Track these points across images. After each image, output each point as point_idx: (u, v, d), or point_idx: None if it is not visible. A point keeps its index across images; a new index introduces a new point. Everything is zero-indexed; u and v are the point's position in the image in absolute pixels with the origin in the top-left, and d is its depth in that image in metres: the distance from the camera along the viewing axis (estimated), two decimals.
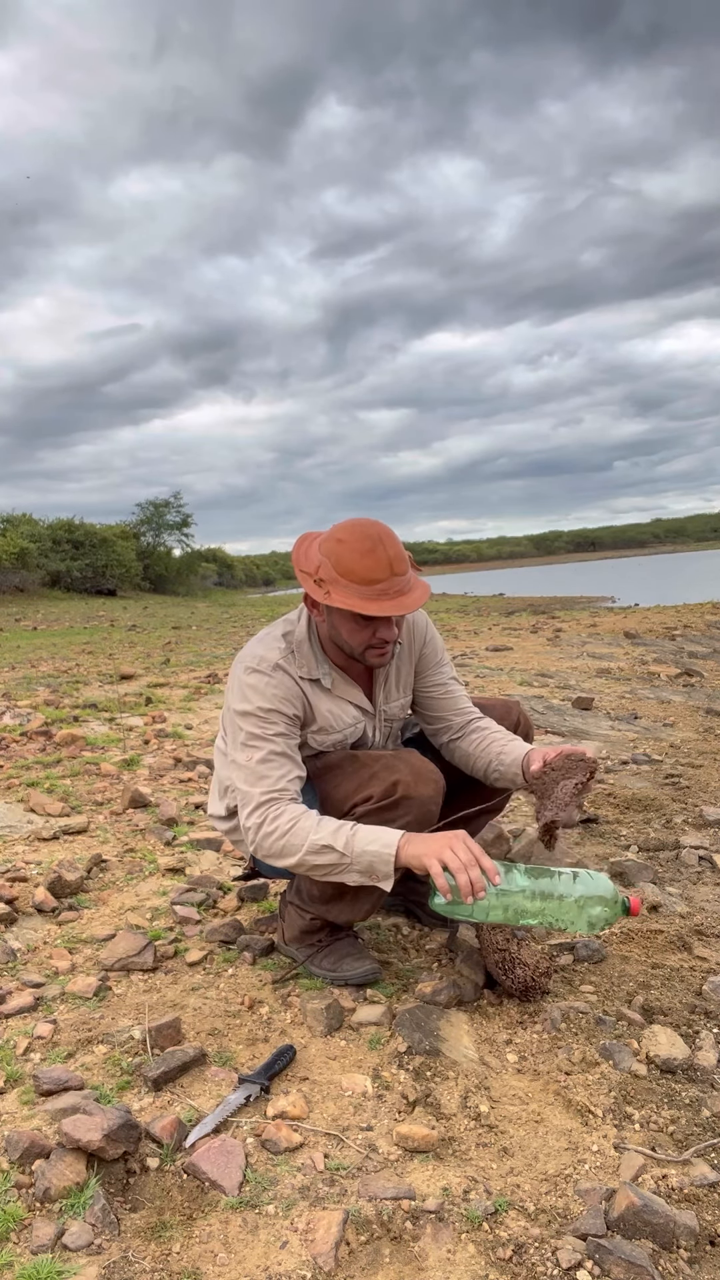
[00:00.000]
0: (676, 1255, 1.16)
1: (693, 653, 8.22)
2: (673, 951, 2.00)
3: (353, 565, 1.63)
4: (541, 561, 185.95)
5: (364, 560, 1.63)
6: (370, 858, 1.57)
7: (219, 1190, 1.27)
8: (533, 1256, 1.15)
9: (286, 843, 1.62)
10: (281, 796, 1.68)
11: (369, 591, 1.63)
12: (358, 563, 1.63)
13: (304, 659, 1.80)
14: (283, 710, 1.74)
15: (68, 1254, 1.16)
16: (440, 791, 1.76)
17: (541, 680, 6.38)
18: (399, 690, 1.96)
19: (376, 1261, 1.15)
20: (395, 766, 1.72)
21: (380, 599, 1.63)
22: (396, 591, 1.64)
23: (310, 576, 1.68)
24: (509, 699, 2.10)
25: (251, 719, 1.73)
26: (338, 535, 1.68)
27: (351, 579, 1.63)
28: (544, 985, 1.75)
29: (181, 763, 3.96)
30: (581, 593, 33.05)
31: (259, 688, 1.74)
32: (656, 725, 4.90)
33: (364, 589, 1.63)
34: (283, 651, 1.78)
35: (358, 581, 1.63)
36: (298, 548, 1.78)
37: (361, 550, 1.63)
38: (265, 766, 1.70)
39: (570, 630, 10.50)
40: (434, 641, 2.00)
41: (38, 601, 29.65)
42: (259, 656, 1.78)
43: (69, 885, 2.39)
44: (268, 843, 1.65)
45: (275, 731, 1.73)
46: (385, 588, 1.63)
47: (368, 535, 1.65)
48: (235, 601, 38.02)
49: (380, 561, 1.63)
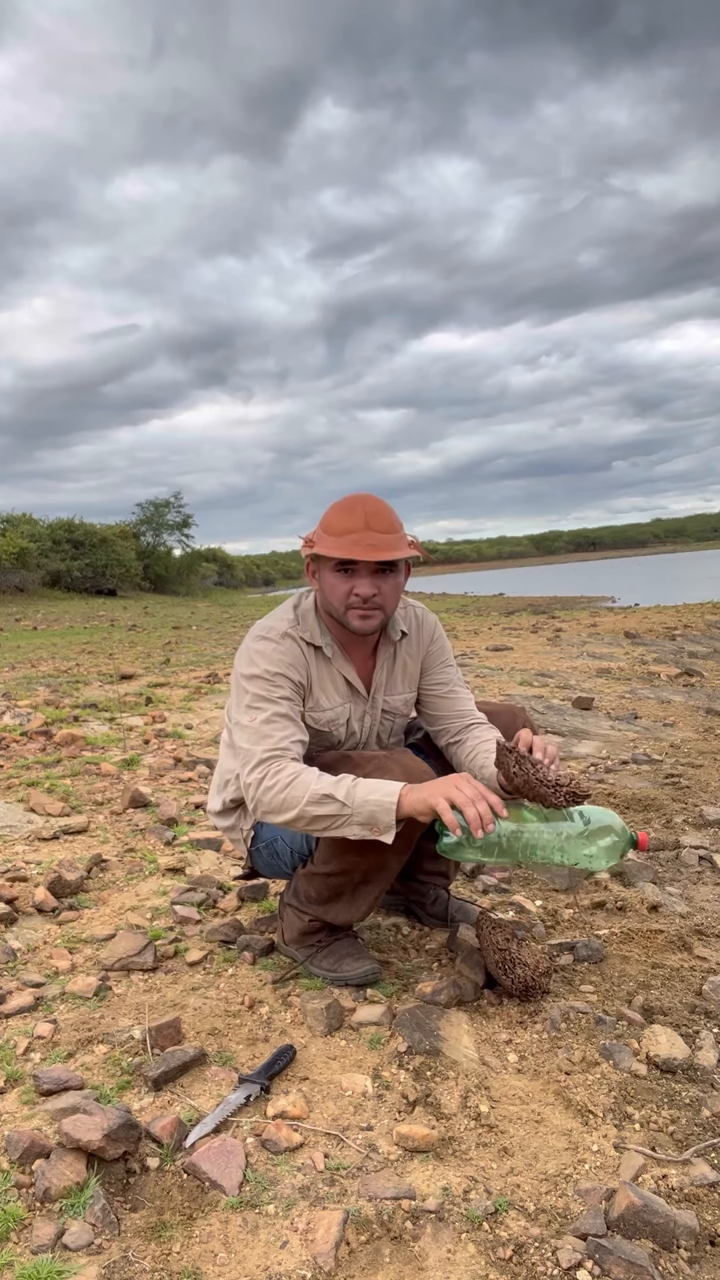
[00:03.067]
0: (676, 1255, 1.16)
1: (693, 653, 8.22)
2: (673, 951, 2.00)
3: (333, 520, 1.77)
4: (541, 561, 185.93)
5: (342, 516, 1.76)
6: (372, 807, 1.58)
7: (219, 1190, 1.27)
8: (533, 1256, 1.15)
9: (287, 795, 1.63)
10: (284, 755, 1.70)
11: (343, 541, 1.74)
12: (337, 518, 1.76)
13: (309, 626, 1.87)
14: (289, 675, 1.80)
15: (68, 1254, 1.16)
16: None
17: (541, 680, 6.38)
18: (403, 684, 1.97)
19: (376, 1261, 1.15)
20: (387, 767, 1.73)
21: (353, 547, 1.73)
22: (370, 544, 1.73)
23: (306, 546, 1.82)
24: (513, 703, 2.10)
25: (258, 681, 1.78)
26: (332, 504, 1.82)
27: (330, 532, 1.76)
28: (544, 985, 1.75)
29: (181, 762, 3.96)
30: (581, 593, 33.05)
31: (266, 652, 1.80)
32: (656, 725, 4.90)
33: (338, 538, 1.75)
34: (291, 621, 1.86)
35: (333, 533, 1.76)
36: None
37: (341, 508, 1.77)
38: (269, 726, 1.74)
39: (570, 630, 10.50)
40: (441, 640, 2.03)
41: (38, 601, 29.64)
42: (268, 626, 1.86)
43: (69, 885, 2.39)
44: (268, 797, 1.65)
45: (280, 694, 1.78)
46: (359, 538, 1.73)
47: (351, 496, 1.80)
48: (235, 601, 38.01)
49: (356, 515, 1.74)
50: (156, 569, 42.97)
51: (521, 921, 2.14)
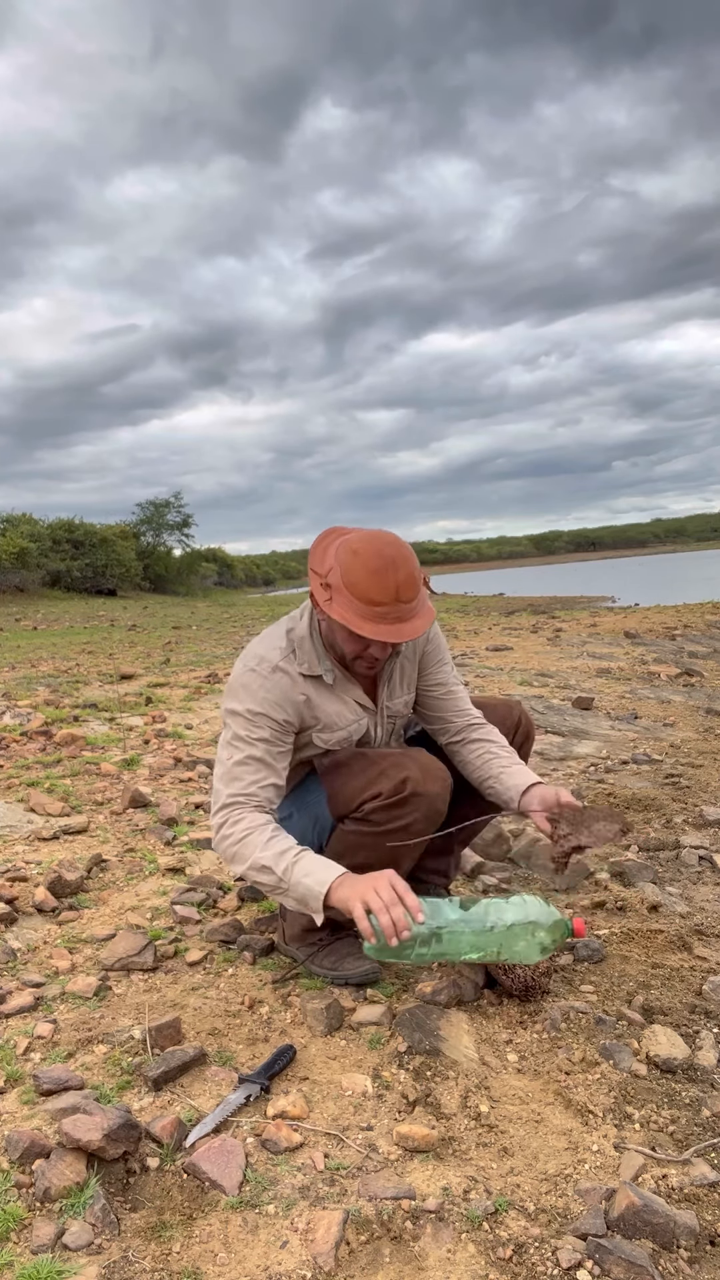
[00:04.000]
0: (676, 1255, 1.16)
1: (693, 653, 8.22)
2: (673, 951, 2.00)
3: (358, 580, 1.60)
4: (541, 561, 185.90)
5: (371, 579, 1.60)
6: (303, 891, 1.59)
7: (219, 1190, 1.27)
8: (533, 1256, 1.15)
9: (237, 851, 1.66)
10: (247, 802, 1.69)
11: (368, 611, 1.61)
12: (364, 580, 1.60)
13: (305, 656, 1.79)
14: (272, 715, 1.74)
15: (68, 1254, 1.16)
16: (448, 789, 1.77)
17: (541, 680, 6.38)
18: (403, 688, 1.96)
19: (376, 1261, 1.15)
20: (404, 764, 1.73)
21: (378, 622, 1.61)
22: (396, 618, 1.62)
23: (320, 578, 1.67)
24: (509, 699, 2.10)
25: (239, 719, 1.74)
26: (354, 545, 1.64)
27: (355, 593, 1.61)
28: (544, 985, 1.75)
29: (181, 762, 3.96)
30: (581, 593, 33.04)
31: (251, 689, 1.74)
32: (656, 725, 4.90)
33: (364, 607, 1.61)
34: (283, 651, 1.78)
35: (360, 598, 1.61)
36: (317, 544, 1.75)
37: (371, 569, 1.60)
38: (241, 769, 1.71)
39: (570, 630, 10.50)
40: (437, 639, 1.99)
41: (38, 601, 29.64)
42: (259, 657, 1.78)
43: (69, 885, 2.39)
44: (223, 846, 1.69)
45: (259, 736, 1.73)
46: (385, 611, 1.61)
47: (382, 554, 1.62)
48: (235, 601, 38.01)
49: (387, 585, 1.60)
50: (156, 569, 42.96)
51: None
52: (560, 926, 1.69)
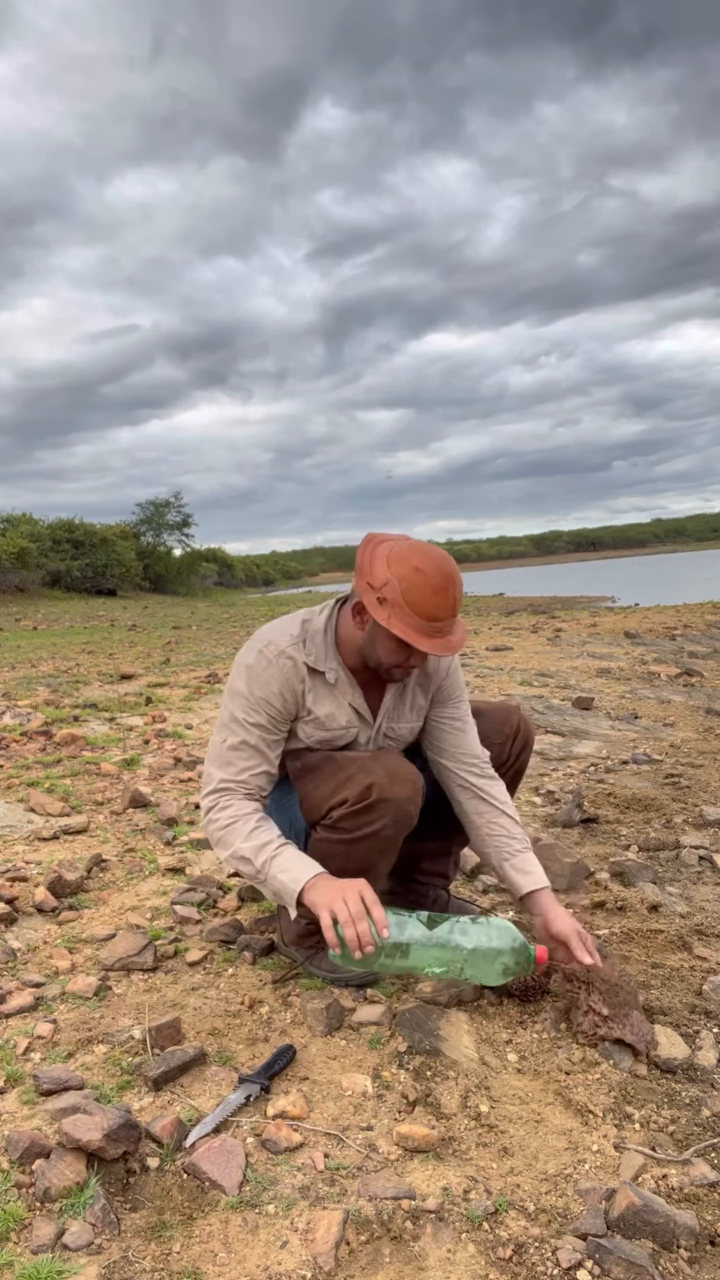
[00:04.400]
0: (676, 1255, 1.16)
1: (693, 653, 8.22)
2: (673, 951, 2.00)
3: (422, 599, 1.63)
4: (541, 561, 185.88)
5: (434, 598, 1.64)
6: (278, 885, 1.63)
7: (219, 1190, 1.27)
8: (533, 1256, 1.15)
9: (221, 837, 1.71)
10: (237, 789, 1.73)
11: (428, 627, 1.64)
12: (428, 598, 1.63)
13: (315, 649, 1.79)
14: (272, 701, 1.75)
15: (68, 1254, 1.16)
16: (418, 792, 1.74)
17: (541, 680, 6.38)
18: (411, 713, 1.91)
19: (376, 1261, 1.15)
20: (371, 769, 1.71)
21: (434, 636, 1.65)
22: (450, 633, 1.69)
23: (375, 591, 1.66)
24: (508, 702, 2.08)
25: (240, 700, 1.76)
26: (415, 562, 1.65)
27: (418, 611, 1.63)
28: (544, 985, 1.75)
29: (181, 762, 3.96)
30: (581, 593, 33.05)
31: (256, 670, 1.76)
32: (656, 725, 4.90)
33: (424, 623, 1.64)
34: (294, 638, 1.78)
35: (422, 615, 1.64)
36: (364, 550, 1.74)
37: (434, 587, 1.64)
38: (234, 754, 1.74)
39: (570, 630, 10.50)
40: (455, 674, 1.96)
41: (38, 601, 29.65)
42: (268, 640, 1.78)
43: (69, 885, 2.39)
44: (210, 829, 1.73)
45: (255, 721, 1.74)
46: (441, 626, 1.66)
47: (443, 573, 1.66)
48: (235, 601, 38.01)
49: (447, 602, 1.65)
50: (156, 569, 42.98)
51: (522, 921, 2.14)
52: (523, 952, 1.67)
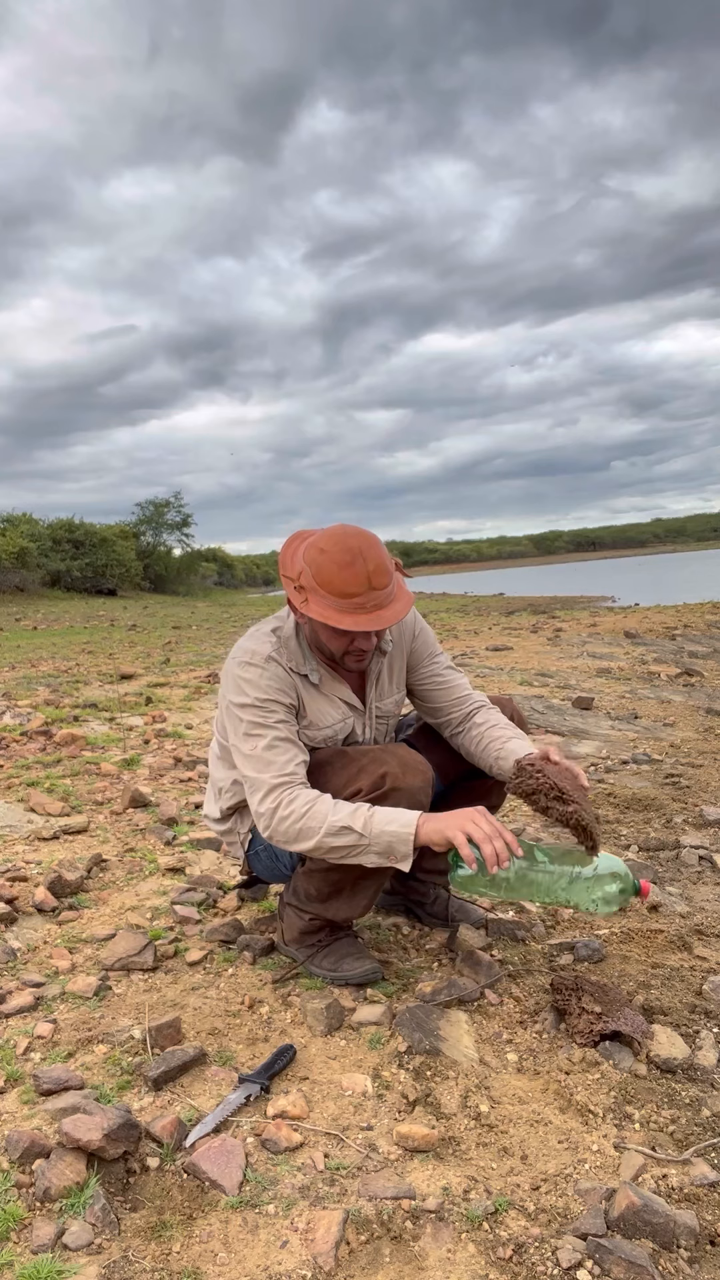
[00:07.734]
0: (676, 1255, 1.16)
1: (693, 652, 8.22)
2: (673, 951, 2.00)
3: (331, 577, 1.63)
4: (541, 561, 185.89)
5: (342, 573, 1.63)
6: (389, 838, 1.58)
7: (219, 1190, 1.27)
8: (533, 1256, 1.15)
9: (304, 826, 1.62)
10: (292, 781, 1.69)
11: (345, 604, 1.64)
12: (336, 575, 1.63)
13: (292, 655, 1.81)
14: (280, 700, 1.76)
15: (68, 1253, 1.16)
16: (429, 782, 1.76)
17: (541, 680, 6.38)
18: (392, 686, 1.96)
19: (376, 1261, 1.15)
20: (383, 759, 1.73)
21: (356, 613, 1.64)
22: (374, 605, 1.65)
23: (292, 582, 1.70)
24: (501, 696, 2.09)
25: (251, 709, 1.75)
26: (320, 544, 1.68)
27: (329, 590, 1.64)
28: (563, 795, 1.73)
29: (181, 762, 3.96)
30: (581, 592, 33.04)
31: (254, 680, 1.76)
32: (656, 725, 4.90)
33: (341, 601, 1.64)
34: (274, 645, 1.80)
35: (335, 594, 1.63)
36: (285, 549, 1.78)
37: (340, 563, 1.63)
38: (271, 753, 1.71)
39: (570, 630, 10.50)
40: (424, 634, 1.99)
41: (38, 601, 29.64)
42: (250, 650, 1.79)
43: (69, 885, 2.39)
44: (284, 827, 1.64)
45: (276, 719, 1.75)
46: (362, 601, 1.64)
47: (348, 547, 1.65)
48: (235, 601, 38.02)
49: (358, 575, 1.63)
50: (156, 569, 42.96)
51: (521, 921, 2.14)
52: (631, 883, 1.70)
